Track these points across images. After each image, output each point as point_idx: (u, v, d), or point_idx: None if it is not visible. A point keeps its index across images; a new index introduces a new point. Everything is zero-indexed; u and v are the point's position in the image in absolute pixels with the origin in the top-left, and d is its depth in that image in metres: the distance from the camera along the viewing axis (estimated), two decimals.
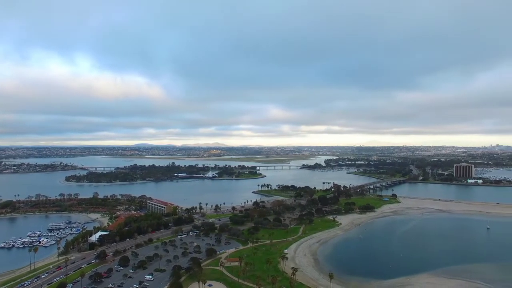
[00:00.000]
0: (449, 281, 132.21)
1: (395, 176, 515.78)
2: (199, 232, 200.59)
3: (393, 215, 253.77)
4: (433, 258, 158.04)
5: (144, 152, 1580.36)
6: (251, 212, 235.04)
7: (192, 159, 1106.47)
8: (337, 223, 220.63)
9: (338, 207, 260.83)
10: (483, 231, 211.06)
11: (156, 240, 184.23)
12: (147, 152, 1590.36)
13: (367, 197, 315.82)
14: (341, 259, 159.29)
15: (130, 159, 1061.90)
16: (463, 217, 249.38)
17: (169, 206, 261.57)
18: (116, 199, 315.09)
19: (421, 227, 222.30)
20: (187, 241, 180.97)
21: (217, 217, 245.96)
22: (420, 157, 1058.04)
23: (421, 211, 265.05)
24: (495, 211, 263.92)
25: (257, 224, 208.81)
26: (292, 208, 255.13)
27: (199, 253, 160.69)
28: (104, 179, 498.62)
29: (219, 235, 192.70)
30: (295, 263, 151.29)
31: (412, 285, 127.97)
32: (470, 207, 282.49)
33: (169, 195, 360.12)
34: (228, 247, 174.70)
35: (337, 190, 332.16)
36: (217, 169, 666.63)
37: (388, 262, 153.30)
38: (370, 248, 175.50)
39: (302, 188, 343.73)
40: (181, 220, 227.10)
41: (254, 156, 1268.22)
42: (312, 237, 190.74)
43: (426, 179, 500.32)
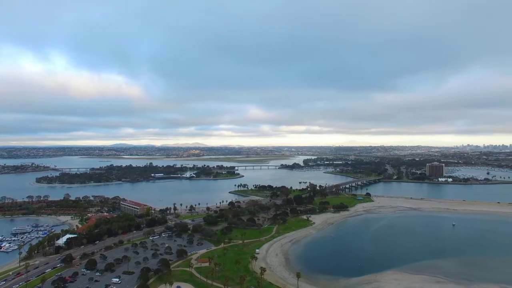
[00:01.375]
0: (413, 276, 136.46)
1: (370, 175, 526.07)
2: (171, 233, 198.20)
3: (366, 213, 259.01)
4: (400, 255, 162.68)
5: (122, 152, 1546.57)
6: (225, 212, 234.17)
7: (171, 159, 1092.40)
8: (311, 222, 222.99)
9: (312, 207, 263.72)
10: (449, 228, 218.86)
11: (127, 242, 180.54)
12: (125, 152, 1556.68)
13: (342, 196, 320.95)
14: (312, 258, 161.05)
15: (107, 160, 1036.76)
16: (432, 215, 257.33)
17: (143, 207, 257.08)
18: (88, 200, 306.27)
19: (392, 225, 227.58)
20: (159, 243, 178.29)
21: (191, 217, 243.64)
22: (396, 156, 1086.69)
23: (393, 210, 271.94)
24: (461, 208, 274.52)
25: (231, 224, 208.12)
26: (267, 208, 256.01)
27: (170, 254, 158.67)
28: (78, 180, 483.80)
29: (192, 235, 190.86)
30: (266, 262, 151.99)
31: (378, 282, 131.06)
32: (439, 204, 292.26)
33: (145, 196, 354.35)
34: (200, 247, 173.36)
35: (312, 189, 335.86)
36: (196, 169, 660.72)
37: (358, 260, 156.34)
38: (341, 247, 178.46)
39: (278, 188, 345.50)
40: (154, 221, 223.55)
41: (234, 156, 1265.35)
42: (285, 237, 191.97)
43: (400, 178, 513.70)
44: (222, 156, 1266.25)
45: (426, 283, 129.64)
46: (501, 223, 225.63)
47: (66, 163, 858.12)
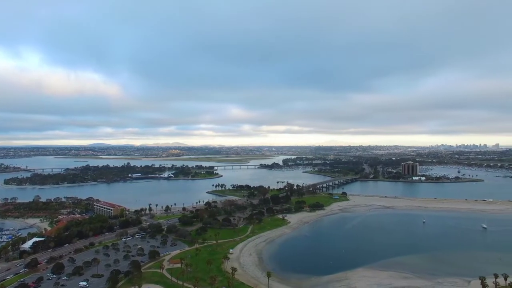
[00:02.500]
0: (382, 273, 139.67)
1: (348, 174, 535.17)
2: (145, 234, 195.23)
3: (341, 212, 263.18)
4: (371, 252, 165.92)
5: (99, 152, 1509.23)
6: (200, 213, 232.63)
7: (149, 159, 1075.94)
8: (286, 221, 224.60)
9: (289, 206, 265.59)
10: (419, 225, 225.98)
11: (98, 244, 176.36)
12: (103, 152, 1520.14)
13: (319, 196, 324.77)
14: (286, 257, 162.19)
15: (83, 160, 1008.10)
16: (404, 212, 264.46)
17: (117, 208, 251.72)
18: (60, 202, 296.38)
19: (365, 223, 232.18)
20: (131, 244, 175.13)
21: (166, 218, 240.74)
22: (374, 156, 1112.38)
23: (368, 208, 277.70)
24: (431, 205, 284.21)
25: (206, 225, 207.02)
26: (243, 207, 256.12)
27: (142, 256, 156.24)
28: (50, 181, 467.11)
29: (166, 236, 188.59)
30: (239, 262, 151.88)
31: (348, 280, 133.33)
32: (411, 202, 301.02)
33: (121, 196, 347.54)
34: (173, 248, 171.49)
35: (289, 189, 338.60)
36: (174, 170, 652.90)
37: (330, 258, 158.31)
38: (314, 245, 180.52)
39: (256, 188, 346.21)
40: (128, 222, 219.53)
41: (214, 156, 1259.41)
42: (259, 236, 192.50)
43: (377, 177, 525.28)
44: (202, 156, 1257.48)
45: (394, 279, 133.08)
46: (467, 219, 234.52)
47: (39, 163, 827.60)
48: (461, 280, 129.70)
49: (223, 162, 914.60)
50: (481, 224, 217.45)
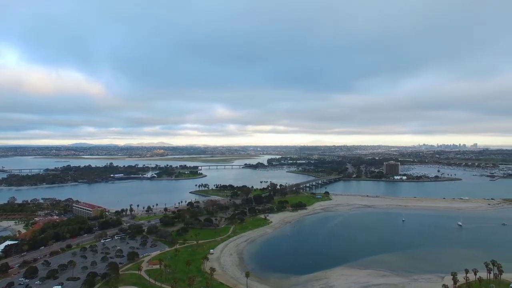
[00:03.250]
0: (361, 271, 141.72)
1: (331, 174, 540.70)
2: (125, 235, 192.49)
3: (323, 212, 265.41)
4: (351, 251, 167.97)
5: (81, 152, 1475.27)
6: (182, 213, 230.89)
7: (133, 159, 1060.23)
8: (268, 221, 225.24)
9: (271, 206, 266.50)
10: (399, 223, 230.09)
11: (75, 246, 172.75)
12: (85, 152, 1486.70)
13: (302, 195, 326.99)
14: (266, 257, 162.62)
15: (65, 160, 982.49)
16: (385, 211, 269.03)
17: (96, 209, 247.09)
18: (37, 203, 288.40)
19: (347, 222, 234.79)
20: (110, 246, 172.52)
21: (148, 219, 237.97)
22: (357, 155, 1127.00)
23: (349, 207, 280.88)
24: (411, 204, 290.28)
25: (188, 225, 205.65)
26: (225, 207, 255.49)
27: (121, 258, 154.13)
28: (28, 182, 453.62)
29: (146, 237, 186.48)
30: (219, 263, 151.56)
31: (327, 278, 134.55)
32: (392, 201, 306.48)
33: (102, 197, 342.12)
34: (153, 249, 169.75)
35: (273, 189, 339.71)
36: (158, 169, 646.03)
37: (310, 257, 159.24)
38: (295, 245, 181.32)
39: (239, 188, 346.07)
40: (108, 223, 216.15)
41: (198, 156, 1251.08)
42: (241, 236, 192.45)
43: (359, 176, 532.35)
44: (186, 156, 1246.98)
45: (372, 277, 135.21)
46: (444, 217, 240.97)
47: (17, 164, 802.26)
48: (435, 276, 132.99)
49: (207, 162, 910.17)
50: (456, 222, 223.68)
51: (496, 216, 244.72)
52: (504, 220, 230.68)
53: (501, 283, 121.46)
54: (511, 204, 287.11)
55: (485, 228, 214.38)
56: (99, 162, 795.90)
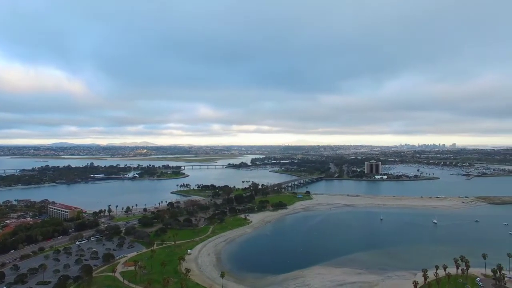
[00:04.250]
0: (337, 270, 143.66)
1: (313, 174, 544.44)
2: (101, 236, 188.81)
3: (303, 211, 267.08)
4: (328, 250, 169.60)
5: (62, 152, 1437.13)
6: (162, 213, 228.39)
7: (115, 159, 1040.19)
8: (248, 221, 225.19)
9: (252, 206, 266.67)
10: (377, 222, 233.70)
11: (48, 249, 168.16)
12: (66, 152, 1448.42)
13: (283, 195, 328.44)
14: (244, 257, 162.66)
15: (43, 160, 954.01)
16: (364, 210, 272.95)
17: (73, 210, 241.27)
18: (10, 205, 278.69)
19: (326, 221, 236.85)
20: (85, 247, 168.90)
21: (126, 219, 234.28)
22: (340, 155, 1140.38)
23: (329, 207, 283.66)
24: (390, 203, 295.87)
25: (167, 225, 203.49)
26: (206, 207, 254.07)
27: (96, 259, 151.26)
28: (2, 183, 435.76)
29: (123, 238, 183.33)
30: (197, 263, 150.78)
31: (303, 277, 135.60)
32: (372, 200, 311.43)
33: (81, 198, 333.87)
34: (130, 250, 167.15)
35: (254, 188, 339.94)
36: (140, 169, 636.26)
37: (288, 257, 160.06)
38: (274, 245, 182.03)
39: (221, 188, 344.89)
40: (84, 224, 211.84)
41: (182, 156, 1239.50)
42: (220, 236, 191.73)
43: (341, 176, 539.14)
44: (170, 156, 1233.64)
45: (347, 275, 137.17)
46: (420, 215, 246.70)
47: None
48: (408, 273, 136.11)
49: (191, 161, 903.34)
50: (432, 219, 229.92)
51: (469, 214, 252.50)
52: (477, 217, 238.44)
53: (468, 278, 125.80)
54: (483, 201, 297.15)
55: (458, 225, 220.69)
56: (79, 162, 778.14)
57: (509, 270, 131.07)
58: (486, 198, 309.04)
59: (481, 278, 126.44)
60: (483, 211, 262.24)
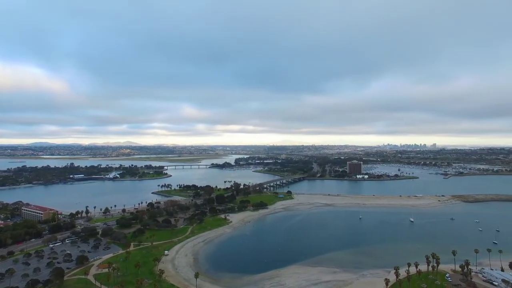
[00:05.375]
0: (313, 269, 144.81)
1: (296, 173, 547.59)
2: (77, 238, 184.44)
3: (284, 211, 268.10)
4: (306, 250, 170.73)
5: (41, 152, 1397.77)
6: (140, 214, 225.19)
7: (97, 159, 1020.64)
8: (228, 221, 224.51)
9: (232, 206, 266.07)
10: (356, 221, 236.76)
11: (19, 252, 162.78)
12: (45, 151, 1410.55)
13: (264, 195, 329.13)
14: (222, 257, 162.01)
15: (21, 160, 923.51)
16: (344, 210, 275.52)
17: (48, 212, 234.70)
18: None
19: (306, 221, 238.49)
20: (59, 250, 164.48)
21: (104, 220, 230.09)
22: (324, 155, 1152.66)
23: (310, 206, 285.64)
24: (369, 202, 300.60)
25: (145, 226, 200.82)
26: (186, 208, 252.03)
27: (69, 262, 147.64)
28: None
29: (99, 240, 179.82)
30: (173, 264, 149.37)
31: (279, 277, 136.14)
32: (352, 200, 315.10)
33: (59, 199, 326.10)
34: (106, 252, 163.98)
35: (236, 188, 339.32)
36: (122, 170, 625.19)
37: (266, 256, 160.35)
38: (252, 245, 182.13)
39: (202, 188, 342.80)
40: (60, 226, 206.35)
41: (166, 156, 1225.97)
42: (199, 237, 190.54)
43: (324, 176, 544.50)
44: (153, 156, 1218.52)
45: (322, 274, 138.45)
46: (398, 214, 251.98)
47: None
48: (382, 271, 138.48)
49: (174, 161, 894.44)
50: (409, 218, 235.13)
51: (444, 212, 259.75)
52: (452, 215, 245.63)
53: (438, 274, 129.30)
54: (458, 200, 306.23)
55: (433, 223, 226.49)
56: (59, 162, 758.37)
57: (475, 265, 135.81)
58: (461, 196, 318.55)
59: (450, 274, 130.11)
60: (457, 209, 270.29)
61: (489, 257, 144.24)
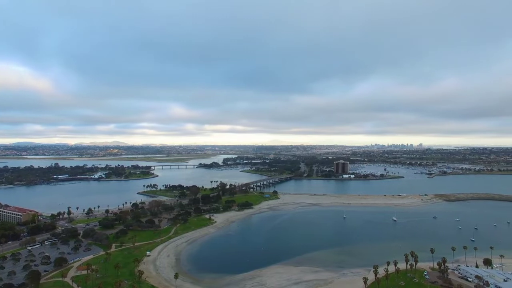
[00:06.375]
0: (295, 268, 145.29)
1: (283, 173, 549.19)
2: (57, 240, 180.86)
3: (269, 211, 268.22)
4: (289, 249, 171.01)
5: (24, 151, 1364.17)
6: (124, 215, 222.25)
7: (83, 159, 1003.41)
8: (212, 221, 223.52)
9: (218, 206, 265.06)
10: (340, 220, 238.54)
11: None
12: (29, 151, 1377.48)
13: (251, 195, 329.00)
14: (204, 257, 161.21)
15: (3, 160, 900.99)
16: (329, 209, 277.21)
17: (28, 213, 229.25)
18: None
19: (291, 220, 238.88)
20: (37, 252, 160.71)
21: (87, 221, 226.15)
22: (312, 155, 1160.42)
23: (295, 206, 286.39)
24: (354, 201, 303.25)
25: (128, 227, 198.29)
26: (171, 208, 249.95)
27: (47, 265, 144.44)
28: None
29: (80, 241, 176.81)
30: (155, 265, 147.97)
31: (261, 277, 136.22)
32: (337, 199, 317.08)
33: (41, 200, 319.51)
34: (86, 254, 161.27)
35: (222, 188, 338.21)
36: (108, 170, 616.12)
37: (249, 256, 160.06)
38: (236, 244, 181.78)
39: (188, 188, 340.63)
40: (39, 228, 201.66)
41: (154, 156, 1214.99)
42: (182, 237, 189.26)
43: (310, 175, 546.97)
44: (141, 156, 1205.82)
45: (304, 273, 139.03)
46: (382, 213, 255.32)
47: None
48: (363, 270, 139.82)
49: (162, 161, 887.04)
50: (392, 217, 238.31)
51: (426, 211, 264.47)
52: (434, 214, 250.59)
53: (416, 272, 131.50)
54: (440, 199, 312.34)
55: (416, 222, 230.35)
56: (43, 163, 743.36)
57: (452, 263, 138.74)
58: (443, 195, 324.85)
59: (428, 271, 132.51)
60: (439, 208, 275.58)
61: (465, 254, 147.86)
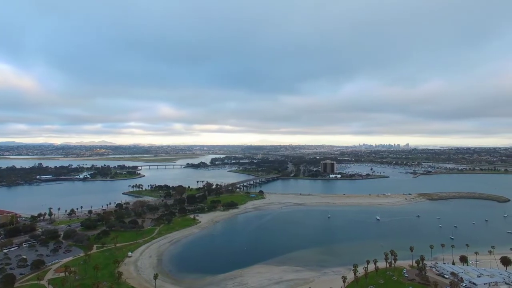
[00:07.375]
0: (276, 268, 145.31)
1: (271, 173, 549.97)
2: (35, 242, 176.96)
3: (254, 210, 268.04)
4: (272, 249, 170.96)
5: (7, 151, 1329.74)
6: (107, 215, 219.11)
7: (69, 159, 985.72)
8: (197, 221, 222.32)
9: (203, 206, 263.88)
10: (324, 220, 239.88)
11: None
12: (12, 151, 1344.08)
13: (236, 194, 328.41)
14: (187, 258, 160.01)
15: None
16: (314, 209, 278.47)
17: (6, 215, 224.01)
18: None
19: (275, 220, 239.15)
20: (13, 255, 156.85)
21: (69, 222, 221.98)
22: (300, 155, 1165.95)
23: (280, 205, 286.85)
24: (339, 201, 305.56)
25: (111, 227, 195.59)
26: (155, 208, 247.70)
27: (23, 268, 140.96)
28: None
29: (60, 243, 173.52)
30: (136, 266, 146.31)
31: (242, 276, 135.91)
32: (322, 199, 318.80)
33: (22, 201, 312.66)
34: (66, 255, 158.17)
35: (208, 188, 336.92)
36: (94, 170, 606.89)
37: (231, 256, 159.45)
38: (219, 244, 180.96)
39: (174, 188, 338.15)
40: (18, 230, 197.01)
41: (141, 155, 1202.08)
42: (166, 237, 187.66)
43: (297, 175, 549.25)
44: (128, 156, 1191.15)
45: (285, 273, 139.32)
46: (365, 213, 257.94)
47: None
48: (344, 269, 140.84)
49: (149, 161, 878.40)
50: (376, 216, 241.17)
51: (410, 210, 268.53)
52: (417, 212, 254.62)
53: (396, 270, 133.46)
54: (423, 198, 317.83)
55: (399, 220, 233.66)
56: (26, 163, 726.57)
57: (430, 260, 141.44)
58: (426, 194, 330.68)
59: (407, 269, 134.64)
60: (422, 207, 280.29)
61: (443, 252, 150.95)
